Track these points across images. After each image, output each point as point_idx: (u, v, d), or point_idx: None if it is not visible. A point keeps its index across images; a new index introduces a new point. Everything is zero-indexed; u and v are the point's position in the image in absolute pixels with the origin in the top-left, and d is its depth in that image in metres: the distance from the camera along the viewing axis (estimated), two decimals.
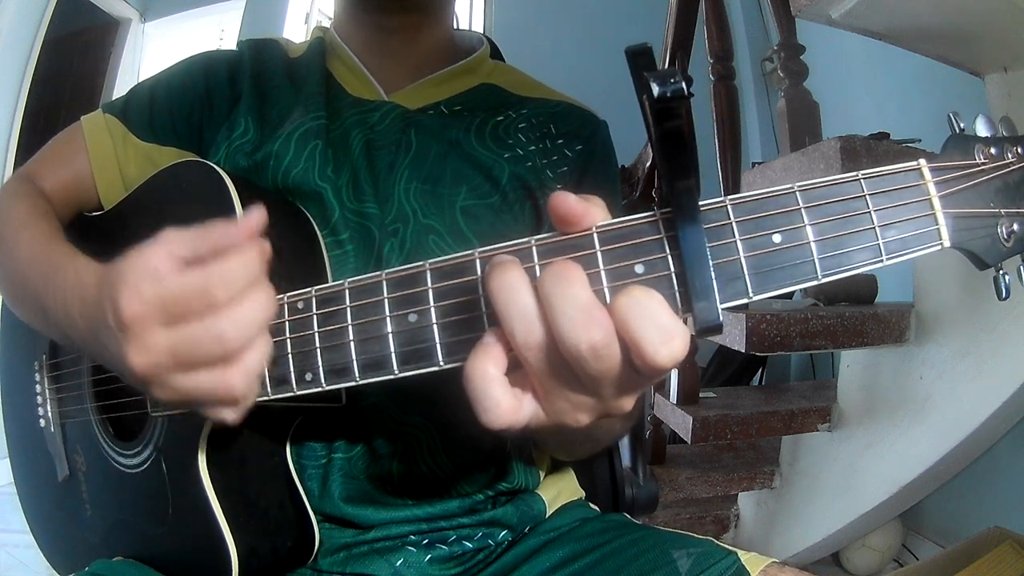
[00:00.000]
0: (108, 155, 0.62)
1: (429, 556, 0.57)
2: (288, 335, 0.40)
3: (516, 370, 0.33)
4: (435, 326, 0.35)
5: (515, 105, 0.68)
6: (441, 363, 0.35)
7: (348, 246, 0.57)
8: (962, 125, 0.35)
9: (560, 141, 0.66)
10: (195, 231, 0.37)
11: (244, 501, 0.49)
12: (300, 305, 0.40)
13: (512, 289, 0.31)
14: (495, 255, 0.34)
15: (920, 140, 1.45)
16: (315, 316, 0.39)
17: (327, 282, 0.53)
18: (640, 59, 0.30)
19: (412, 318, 0.36)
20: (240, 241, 0.37)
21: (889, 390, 1.41)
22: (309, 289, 0.39)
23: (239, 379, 0.36)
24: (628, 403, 0.34)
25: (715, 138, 1.56)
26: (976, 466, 1.49)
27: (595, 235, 0.33)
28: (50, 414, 0.66)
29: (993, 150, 0.34)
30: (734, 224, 0.32)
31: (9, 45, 2.52)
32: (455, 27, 0.73)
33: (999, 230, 0.34)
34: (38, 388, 0.67)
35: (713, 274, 0.31)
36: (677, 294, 0.32)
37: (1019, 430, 1.34)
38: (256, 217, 0.37)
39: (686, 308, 0.32)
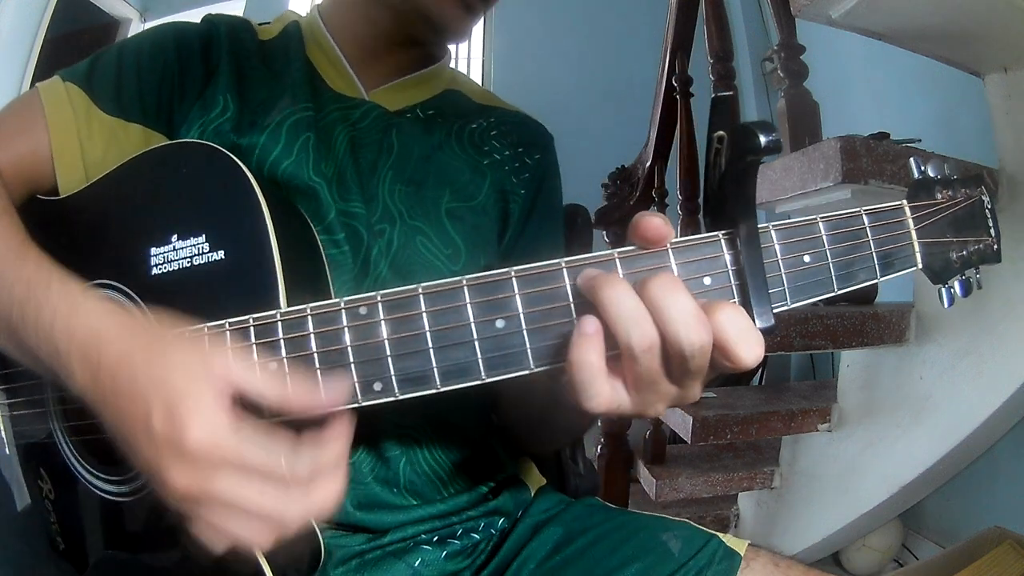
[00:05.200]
0: (69, 130, 0.54)
1: (444, 552, 0.57)
2: (349, 343, 0.38)
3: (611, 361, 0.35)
4: (525, 332, 0.37)
5: (483, 113, 0.69)
6: (532, 367, 0.37)
7: (345, 246, 0.56)
8: (923, 168, 0.45)
9: (521, 150, 0.68)
10: (275, 377, 0.36)
11: None
12: (363, 311, 0.38)
13: (620, 298, 0.34)
14: (582, 265, 0.37)
15: (920, 140, 1.45)
16: (383, 322, 0.38)
17: (327, 284, 0.52)
18: (722, 106, 0.38)
19: (499, 324, 0.38)
20: (329, 417, 0.35)
21: (889, 390, 1.41)
22: (374, 294, 0.38)
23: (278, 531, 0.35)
24: (698, 392, 0.37)
25: None
26: (976, 466, 1.49)
27: (670, 250, 0.38)
28: (2, 434, 0.58)
29: (949, 191, 0.44)
30: (776, 246, 0.39)
31: (9, 45, 2.52)
32: None
33: (951, 255, 0.43)
34: None
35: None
36: (737, 302, 0.38)
37: (1019, 430, 1.34)
38: (342, 392, 0.36)
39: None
